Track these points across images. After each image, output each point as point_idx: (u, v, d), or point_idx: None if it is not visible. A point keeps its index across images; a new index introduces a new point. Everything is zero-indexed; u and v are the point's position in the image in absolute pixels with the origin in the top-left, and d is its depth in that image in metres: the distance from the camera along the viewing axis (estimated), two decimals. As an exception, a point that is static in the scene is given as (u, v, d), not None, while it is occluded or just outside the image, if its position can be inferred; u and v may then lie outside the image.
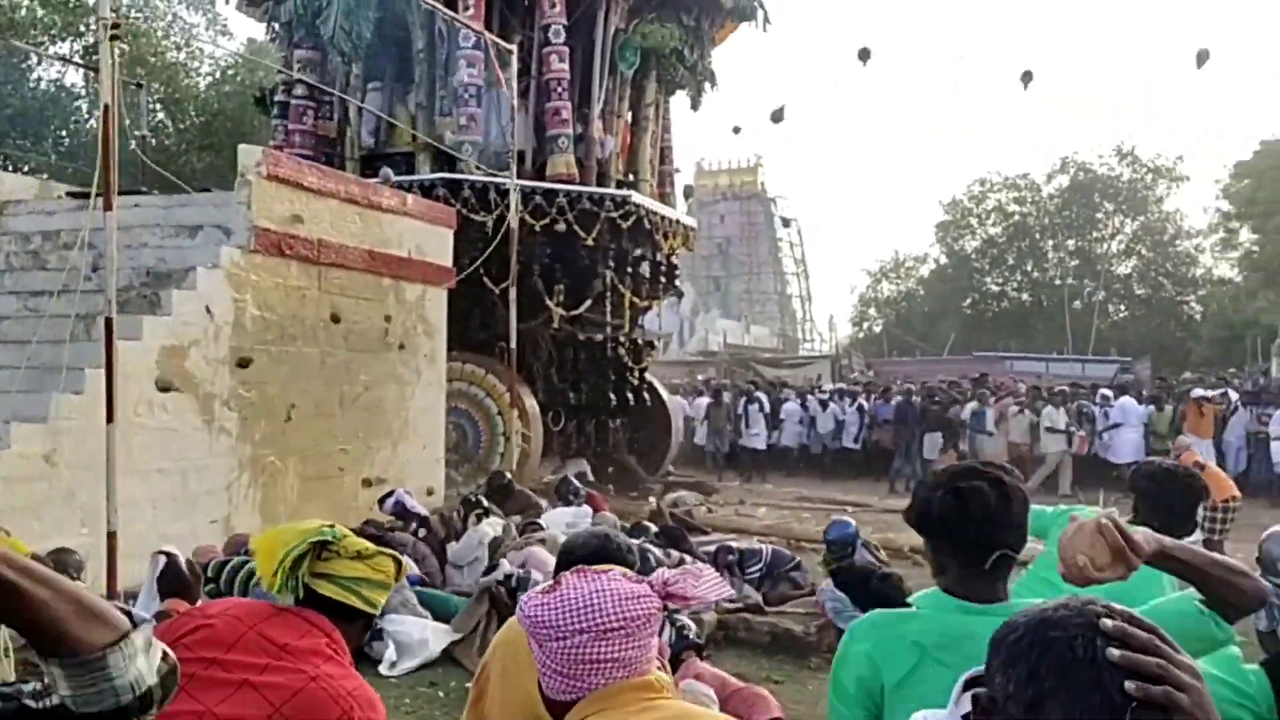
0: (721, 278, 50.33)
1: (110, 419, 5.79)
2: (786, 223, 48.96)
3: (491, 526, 8.08)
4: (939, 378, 20.38)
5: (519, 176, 11.88)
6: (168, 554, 4.28)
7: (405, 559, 2.49)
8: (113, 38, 5.73)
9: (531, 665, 1.71)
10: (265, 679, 2.05)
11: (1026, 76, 15.16)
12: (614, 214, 12.91)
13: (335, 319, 9.09)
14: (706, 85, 15.00)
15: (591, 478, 12.78)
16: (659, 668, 1.73)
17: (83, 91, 27.39)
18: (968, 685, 1.21)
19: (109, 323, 5.87)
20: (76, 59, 22.44)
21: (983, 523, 2.10)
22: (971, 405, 16.59)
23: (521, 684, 2.25)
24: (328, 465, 9.09)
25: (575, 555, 2.38)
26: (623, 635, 1.60)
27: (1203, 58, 16.59)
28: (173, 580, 4.14)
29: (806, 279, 50.14)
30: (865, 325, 42.79)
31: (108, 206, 5.81)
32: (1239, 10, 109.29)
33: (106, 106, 5.72)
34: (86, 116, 27.41)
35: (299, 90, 13.34)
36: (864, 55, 13.21)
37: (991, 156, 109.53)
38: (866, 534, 11.10)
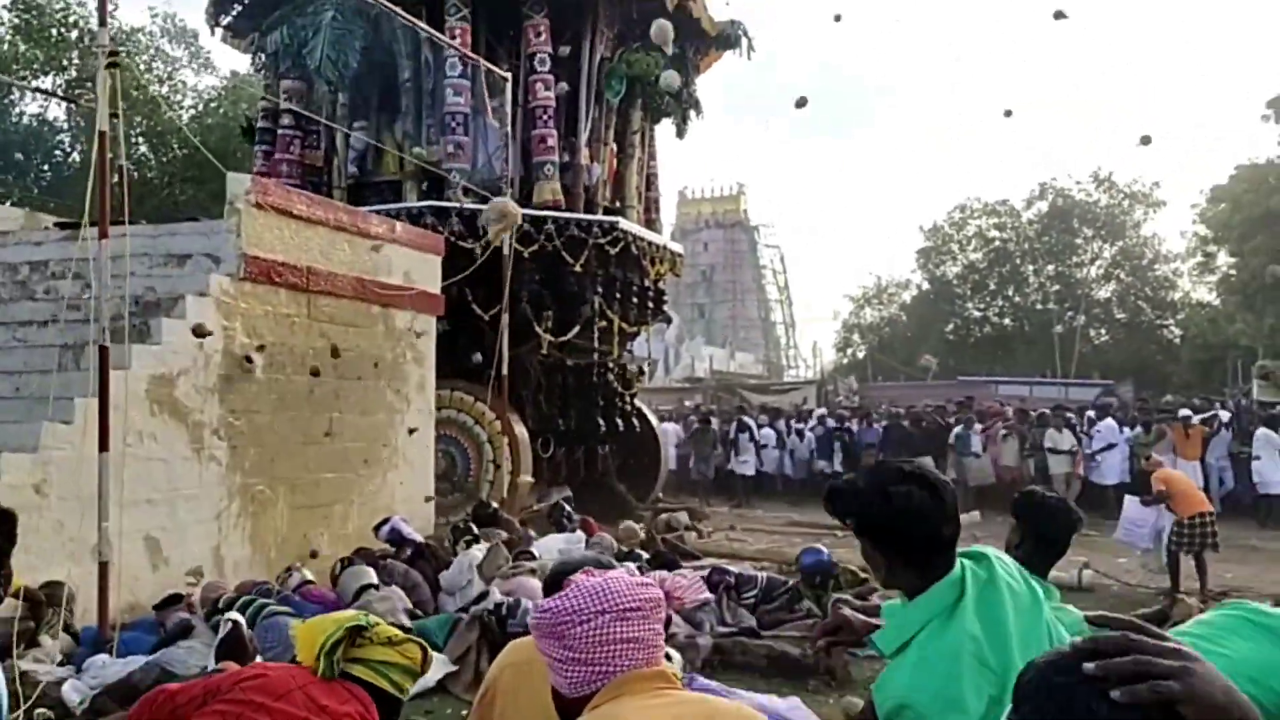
0: (706, 305, 50.51)
1: (104, 448, 5.73)
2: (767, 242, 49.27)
3: (480, 549, 8.04)
4: (924, 402, 20.46)
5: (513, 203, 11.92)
6: (234, 621, 4.69)
7: (429, 651, 2.77)
8: (110, 65, 5.74)
9: (544, 680, 1.75)
10: None
11: (1008, 114, 15.44)
12: (602, 240, 12.95)
13: (334, 353, 9.07)
14: (691, 113, 15.12)
15: (569, 506, 12.72)
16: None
17: (65, 126, 27.41)
18: None
19: (103, 351, 5.84)
20: (59, 93, 22.41)
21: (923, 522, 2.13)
22: (958, 429, 16.66)
23: (537, 700, 2.27)
24: (317, 494, 9.02)
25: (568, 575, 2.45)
26: (640, 616, 1.66)
27: (1146, 140, 16.83)
28: (234, 645, 4.56)
29: (790, 306, 50.40)
30: (849, 351, 42.97)
31: (102, 234, 5.79)
32: (1212, 36, 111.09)
33: (102, 133, 5.71)
34: (69, 150, 27.41)
35: (285, 120, 13.37)
36: (800, 103, 13.57)
37: (971, 181, 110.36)
38: (857, 557, 11.12)
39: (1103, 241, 37.21)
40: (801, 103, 13.53)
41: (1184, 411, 15.50)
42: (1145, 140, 15.77)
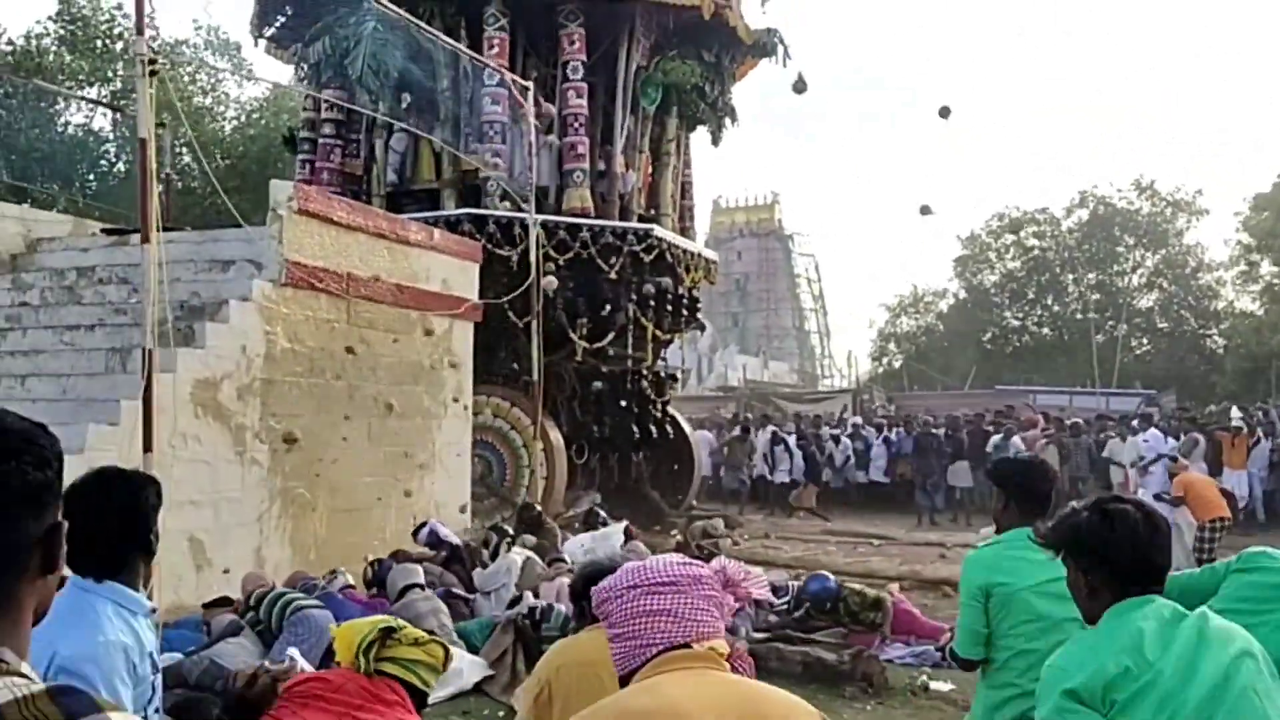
0: (739, 314, 50.42)
1: (149, 449, 5.84)
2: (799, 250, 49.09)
3: (519, 555, 8.09)
4: (962, 411, 20.30)
5: (542, 211, 12.01)
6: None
7: (452, 648, 3.30)
8: (151, 73, 5.85)
9: (610, 677, 1.79)
10: (362, 715, 2.71)
11: (944, 112, 14.81)
12: (636, 248, 13.00)
13: (349, 350, 9.17)
14: (727, 121, 15.14)
15: (603, 511, 12.74)
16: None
17: (110, 135, 27.93)
18: None
19: (148, 354, 5.94)
20: (105, 102, 22.84)
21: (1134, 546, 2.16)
22: (996, 438, 16.50)
23: (600, 698, 2.27)
24: (356, 497, 9.12)
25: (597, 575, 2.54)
26: (674, 589, 1.69)
27: (944, 112, 16.04)
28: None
29: (824, 314, 50.18)
30: (885, 360, 42.69)
31: (144, 239, 5.90)
32: (1256, 43, 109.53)
33: (143, 140, 5.83)
34: (114, 160, 27.92)
35: (326, 129, 13.54)
36: (944, 113, 12.93)
37: (1009, 189, 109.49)
38: (896, 566, 11.06)
39: (1144, 250, 36.76)
40: (945, 112, 13.13)
41: (1237, 421, 15.30)
42: (944, 112, 14.98)
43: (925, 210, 13.50)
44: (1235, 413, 15.31)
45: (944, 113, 12.85)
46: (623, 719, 1.57)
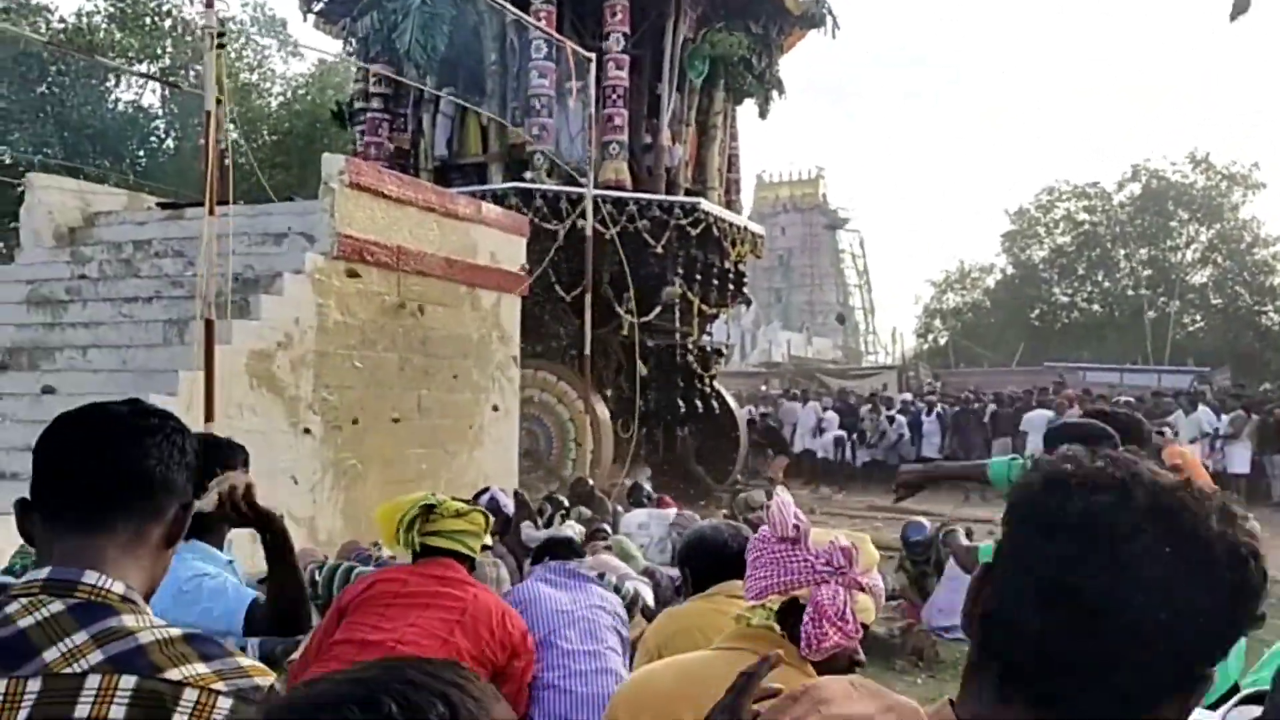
0: (783, 289, 50.14)
1: (209, 418, 5.94)
2: (842, 224, 48.65)
3: (571, 529, 8.13)
4: (1009, 388, 20.06)
5: (582, 185, 11.99)
6: None
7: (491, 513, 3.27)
8: (219, 45, 5.92)
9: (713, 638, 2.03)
10: (441, 600, 2.78)
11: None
12: (683, 221, 12.95)
13: (415, 319, 9.24)
14: (774, 93, 14.99)
15: (648, 485, 12.77)
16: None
17: (160, 112, 28.29)
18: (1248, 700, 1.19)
19: (209, 325, 6.03)
20: (160, 78, 23.12)
21: None
22: (1043, 413, 16.26)
23: None
24: (407, 469, 9.21)
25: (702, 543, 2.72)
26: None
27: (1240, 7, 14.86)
28: None
29: (869, 290, 49.78)
30: (930, 336, 42.26)
31: (210, 211, 5.98)
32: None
33: (208, 113, 5.89)
34: (163, 136, 28.29)
35: (374, 104, 13.60)
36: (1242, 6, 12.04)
37: (1058, 162, 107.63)
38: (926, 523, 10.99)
39: (1199, 224, 35.96)
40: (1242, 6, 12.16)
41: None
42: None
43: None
44: None
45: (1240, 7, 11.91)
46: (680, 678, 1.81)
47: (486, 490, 8.82)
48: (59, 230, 9.80)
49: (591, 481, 9.80)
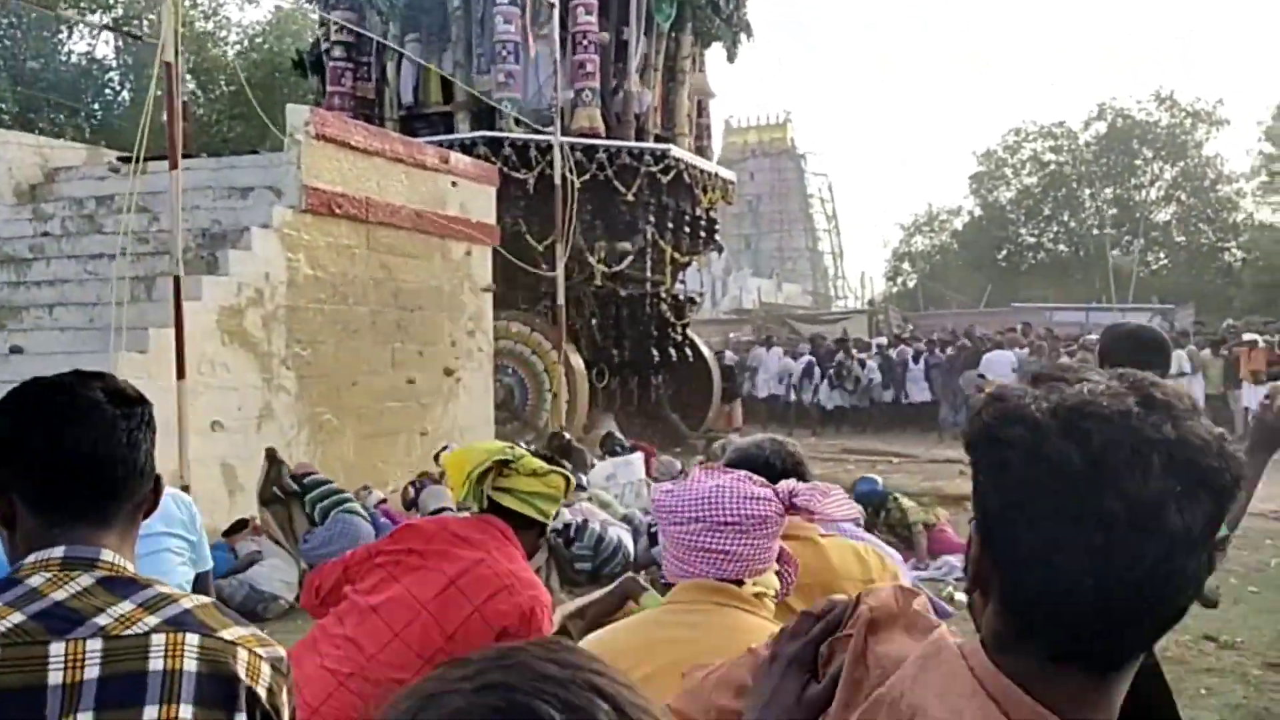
0: (752, 236, 50.00)
1: (181, 375, 5.88)
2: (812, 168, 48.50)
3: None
4: (978, 330, 20.23)
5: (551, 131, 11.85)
6: None
7: (572, 478, 2.87)
8: (172, -3, 5.77)
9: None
10: (445, 561, 2.56)
11: None
12: (654, 168, 12.86)
13: (386, 272, 9.17)
14: (742, 35, 14.83)
15: (619, 433, 12.74)
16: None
17: (114, 64, 27.62)
18: None
19: (177, 281, 5.95)
20: (117, 27, 22.53)
21: None
22: (1004, 353, 16.27)
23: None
24: (382, 423, 9.19)
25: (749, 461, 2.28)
26: (737, 531, 1.66)
27: None
28: None
29: (838, 235, 49.83)
30: (899, 280, 42.49)
31: (173, 165, 5.86)
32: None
33: (168, 64, 5.76)
34: (118, 88, 27.65)
35: (336, 52, 13.33)
36: None
37: (1025, 103, 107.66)
38: (917, 483, 11.15)
39: (1163, 163, 36.24)
40: None
41: (1249, 335, 15.22)
42: None
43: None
44: (1248, 336, 15.16)
45: None
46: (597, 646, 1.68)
47: (447, 447, 8.85)
48: (19, 187, 9.59)
49: (568, 435, 9.82)
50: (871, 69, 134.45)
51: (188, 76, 25.22)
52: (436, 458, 9.04)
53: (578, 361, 12.38)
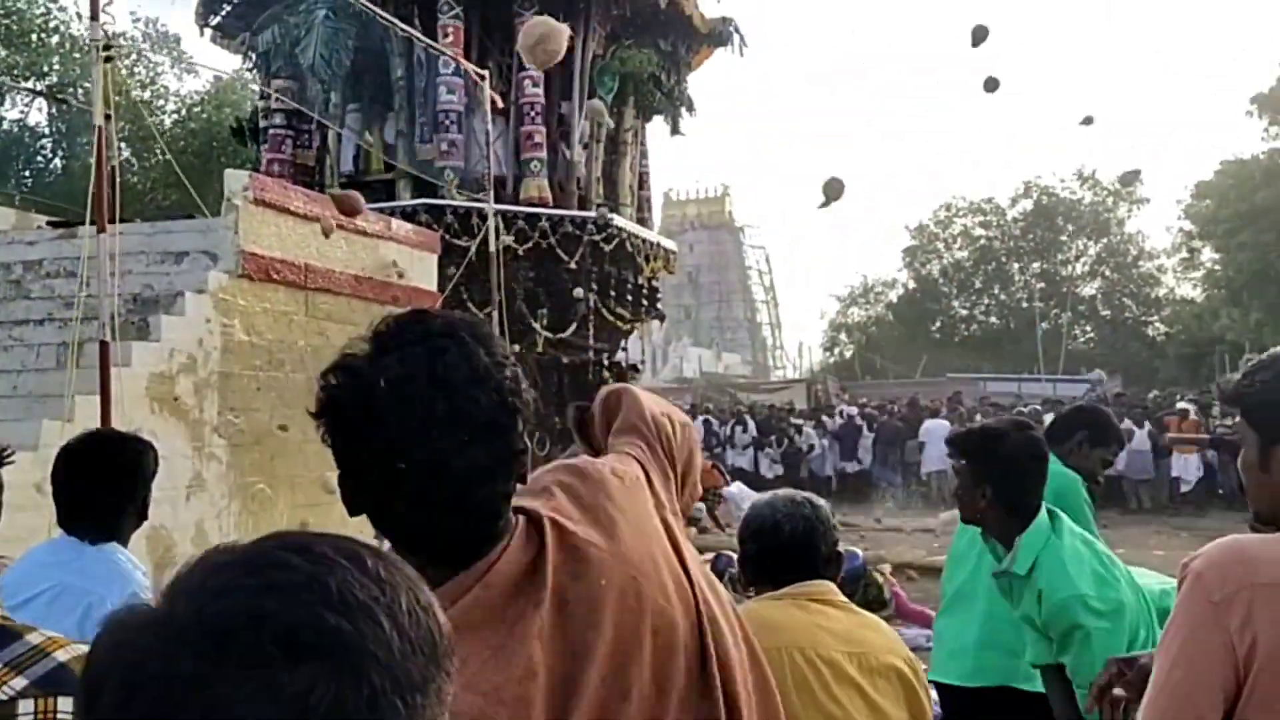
0: (692, 306, 50.52)
1: (108, 442, 5.65)
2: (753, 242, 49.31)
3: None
4: (921, 399, 20.50)
5: (500, 201, 11.87)
6: None
7: None
8: (106, 59, 5.68)
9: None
10: None
11: (1087, 120, 14.23)
12: (596, 237, 12.93)
13: (324, 338, 9.00)
14: (684, 110, 15.10)
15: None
16: None
17: (46, 131, 27.21)
18: None
19: (104, 346, 5.76)
20: (50, 94, 22.25)
21: None
22: (941, 422, 16.53)
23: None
24: (317, 493, 8.93)
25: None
26: None
27: (1087, 121, 15.29)
28: None
29: (776, 306, 50.52)
30: (836, 350, 43.06)
31: (101, 229, 5.71)
32: (1196, 33, 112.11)
33: (99, 128, 5.64)
34: (50, 155, 27.22)
35: (277, 119, 13.28)
36: (990, 86, 12.07)
37: (953, 179, 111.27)
38: (864, 551, 11.14)
39: (1087, 239, 37.45)
40: (991, 85, 12.27)
41: (1181, 405, 15.65)
42: (1087, 121, 14.75)
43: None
44: (1181, 405, 15.61)
45: (990, 86, 12.04)
46: None
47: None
48: (-58, 251, 9.30)
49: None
50: (806, 143, 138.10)
51: (123, 144, 24.94)
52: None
53: (519, 430, 12.24)
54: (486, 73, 11.52)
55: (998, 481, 2.50)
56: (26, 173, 26.46)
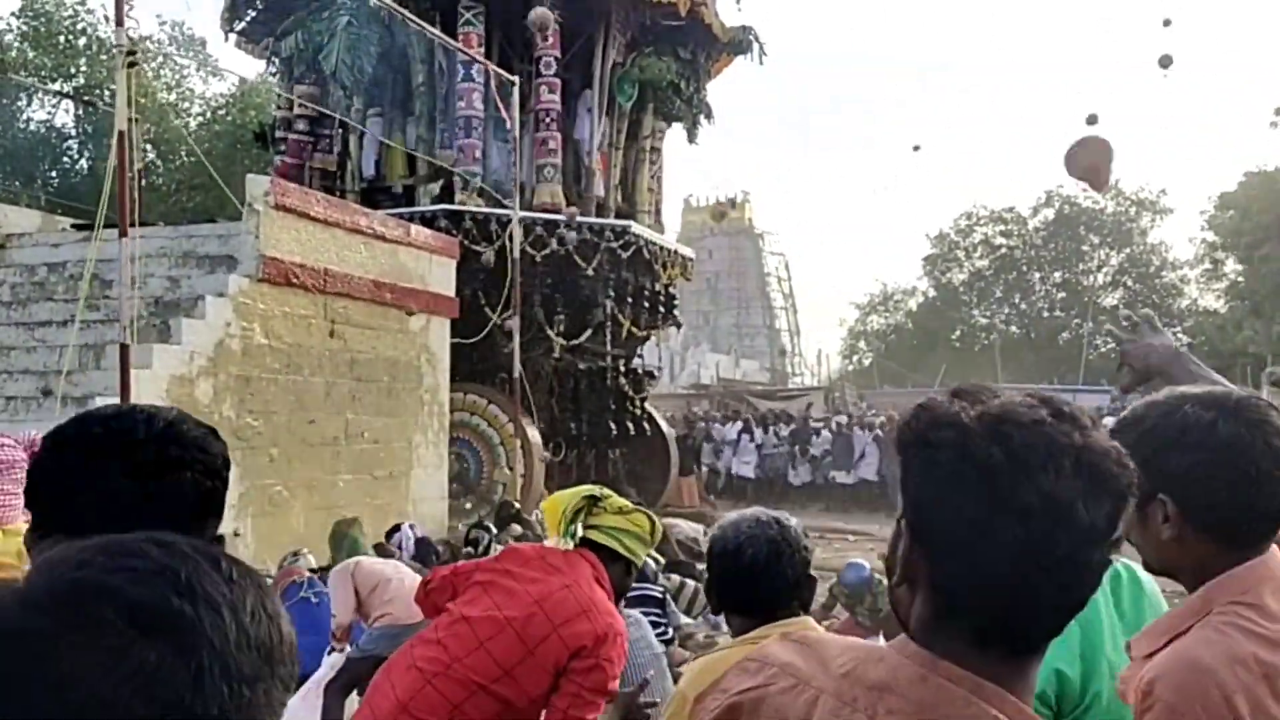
0: (710, 312, 50.47)
1: (127, 444, 5.74)
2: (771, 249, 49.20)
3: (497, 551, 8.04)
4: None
5: (519, 207, 11.95)
6: None
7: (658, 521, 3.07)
8: (130, 64, 5.77)
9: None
10: (534, 584, 2.80)
11: (1092, 119, 13.69)
12: (614, 244, 12.97)
13: (342, 342, 9.09)
14: (702, 118, 15.13)
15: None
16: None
17: (73, 132, 27.49)
18: None
19: (124, 349, 5.85)
20: (76, 96, 22.53)
21: None
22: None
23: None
24: (333, 496, 9.03)
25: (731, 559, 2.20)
26: None
27: (1166, 62, 14.85)
28: None
29: (795, 313, 50.41)
30: (855, 358, 42.94)
31: (123, 233, 5.80)
32: (1222, 42, 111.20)
33: (121, 133, 5.74)
34: (76, 157, 27.49)
35: (299, 125, 13.40)
36: (1164, 62, 12.30)
37: (975, 188, 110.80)
38: (873, 561, 11.10)
39: (1110, 249, 37.22)
40: (1166, 61, 12.37)
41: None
42: (1091, 120, 13.89)
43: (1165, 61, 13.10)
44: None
45: (1164, 62, 12.17)
46: None
47: (399, 527, 8.67)
48: (-30, 252, 9.46)
49: (517, 505, 9.70)
50: (827, 149, 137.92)
51: (148, 146, 25.20)
52: (389, 536, 8.88)
53: (534, 435, 12.30)
54: (516, 79, 11.61)
55: None
56: (53, 174, 26.74)
